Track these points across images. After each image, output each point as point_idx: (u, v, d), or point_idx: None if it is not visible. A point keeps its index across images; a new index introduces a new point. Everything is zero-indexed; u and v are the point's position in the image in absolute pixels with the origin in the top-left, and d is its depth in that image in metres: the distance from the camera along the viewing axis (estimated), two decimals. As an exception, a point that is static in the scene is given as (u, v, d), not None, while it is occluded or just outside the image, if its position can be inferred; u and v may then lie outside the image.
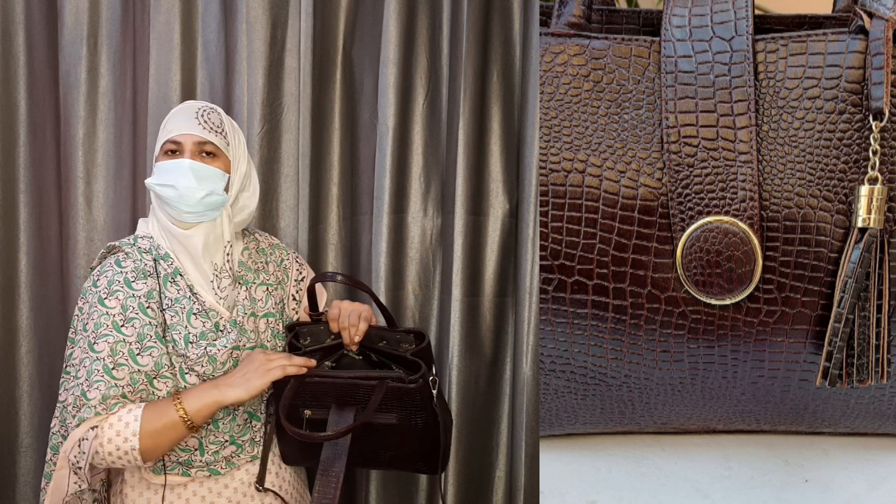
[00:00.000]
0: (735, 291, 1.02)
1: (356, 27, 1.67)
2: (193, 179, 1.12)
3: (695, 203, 1.02)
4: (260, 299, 1.22)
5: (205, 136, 1.15)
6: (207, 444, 1.16)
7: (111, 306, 1.10)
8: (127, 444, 1.06)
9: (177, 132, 1.15)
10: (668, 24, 1.04)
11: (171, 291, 1.14)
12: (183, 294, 1.14)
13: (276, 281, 1.27)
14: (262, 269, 1.25)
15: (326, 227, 1.67)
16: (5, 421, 1.59)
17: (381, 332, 1.23)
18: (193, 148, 1.14)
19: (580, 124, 1.05)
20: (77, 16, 1.57)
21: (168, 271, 1.15)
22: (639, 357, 1.08)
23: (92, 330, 1.10)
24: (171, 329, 1.12)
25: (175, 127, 1.16)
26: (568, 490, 1.13)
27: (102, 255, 1.19)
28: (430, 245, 1.70)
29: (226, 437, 1.17)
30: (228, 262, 1.18)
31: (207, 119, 1.16)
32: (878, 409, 1.11)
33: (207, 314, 1.15)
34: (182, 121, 1.16)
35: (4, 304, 1.57)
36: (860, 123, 1.00)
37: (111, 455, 1.06)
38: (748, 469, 1.15)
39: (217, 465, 1.18)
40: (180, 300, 1.14)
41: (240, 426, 1.19)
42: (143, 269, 1.13)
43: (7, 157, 1.55)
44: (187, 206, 1.12)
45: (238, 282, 1.20)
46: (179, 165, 1.13)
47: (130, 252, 1.15)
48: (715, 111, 1.02)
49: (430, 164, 1.68)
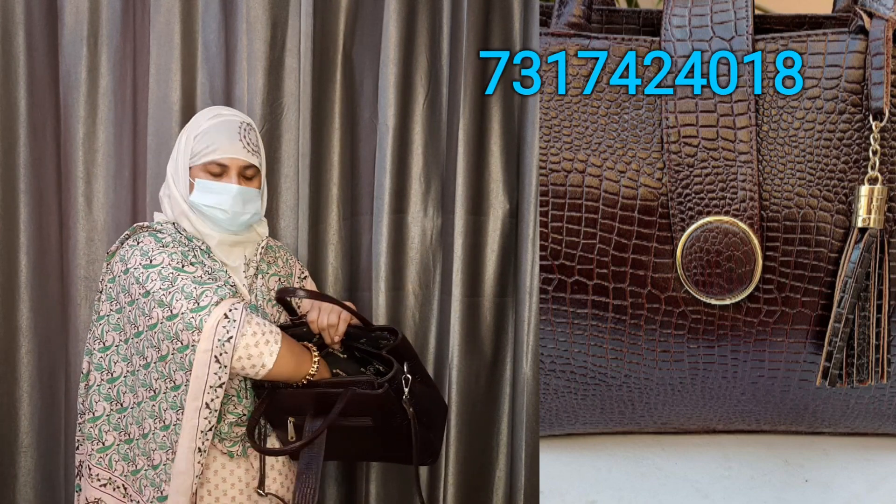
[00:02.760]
0: (735, 291, 1.02)
1: (356, 27, 1.67)
2: (241, 205, 1.19)
3: (695, 203, 1.02)
4: (273, 288, 1.27)
5: (249, 159, 1.20)
6: (226, 413, 1.17)
7: (162, 260, 1.12)
8: (273, 335, 1.08)
9: (223, 155, 1.18)
10: (668, 24, 1.04)
11: (209, 262, 1.19)
12: (219, 268, 1.19)
13: (286, 274, 1.33)
14: (273, 262, 1.31)
15: (326, 227, 1.67)
16: (5, 421, 1.59)
17: (359, 331, 1.26)
18: (238, 171, 1.20)
19: (580, 124, 1.05)
20: (77, 16, 1.57)
21: (202, 247, 1.20)
22: (639, 357, 1.08)
23: (158, 285, 1.09)
24: None
25: (220, 146, 1.19)
26: (568, 490, 1.13)
27: (126, 235, 1.21)
28: (430, 245, 1.70)
29: (244, 410, 1.18)
30: (257, 255, 1.26)
31: (250, 140, 1.21)
32: (878, 409, 1.11)
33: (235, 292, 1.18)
34: (227, 140, 1.19)
35: (4, 304, 1.57)
36: (860, 123, 1.00)
37: (255, 336, 1.07)
38: (748, 469, 1.15)
39: (232, 446, 1.19)
40: (216, 272, 1.18)
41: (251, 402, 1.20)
42: (178, 240, 1.18)
43: (7, 157, 1.55)
44: (233, 227, 1.21)
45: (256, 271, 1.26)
46: (228, 190, 1.18)
47: (162, 228, 1.20)
48: (715, 111, 1.02)
49: (430, 164, 1.68)
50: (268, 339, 1.08)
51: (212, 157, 1.18)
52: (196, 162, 1.19)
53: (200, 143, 1.19)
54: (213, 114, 1.23)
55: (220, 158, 1.18)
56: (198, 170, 1.19)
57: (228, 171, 1.19)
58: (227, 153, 1.19)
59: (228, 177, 1.19)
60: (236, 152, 1.19)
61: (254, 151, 1.22)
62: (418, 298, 1.70)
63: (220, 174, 1.19)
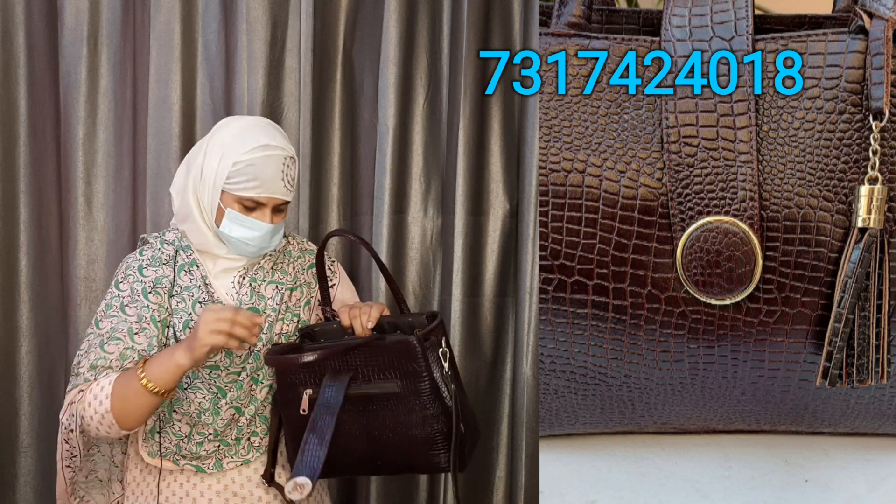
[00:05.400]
0: (735, 291, 1.02)
1: (356, 27, 1.67)
2: (269, 240, 1.17)
3: (695, 203, 1.02)
4: (269, 297, 1.21)
5: (286, 197, 1.16)
6: (194, 434, 1.18)
7: (122, 290, 1.17)
8: (101, 406, 1.09)
9: (263, 194, 1.13)
10: (668, 24, 1.04)
11: (184, 280, 1.18)
12: (195, 283, 1.18)
13: (295, 283, 1.26)
14: (279, 269, 1.24)
15: (326, 227, 1.67)
16: (5, 421, 1.59)
17: (394, 321, 1.19)
18: (274, 207, 1.16)
19: (580, 124, 1.05)
20: (77, 16, 1.57)
21: (185, 261, 1.19)
22: (639, 357, 1.08)
23: (102, 309, 1.17)
24: (175, 314, 1.16)
25: (261, 185, 1.13)
26: (568, 490, 1.13)
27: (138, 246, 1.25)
28: (430, 245, 1.70)
29: (209, 429, 1.18)
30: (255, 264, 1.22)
31: (291, 178, 1.16)
32: (878, 409, 1.11)
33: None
34: (270, 179, 1.13)
35: (4, 304, 1.57)
36: (860, 123, 1.00)
37: (93, 419, 1.10)
38: (748, 469, 1.15)
39: (203, 462, 1.18)
40: (190, 288, 1.17)
41: (224, 420, 1.18)
42: (160, 258, 1.18)
43: (7, 157, 1.55)
44: (254, 256, 1.20)
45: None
46: (261, 228, 1.15)
47: (153, 242, 1.21)
48: (715, 111, 1.02)
49: (430, 164, 1.68)
50: (100, 399, 1.09)
51: (251, 193, 1.13)
52: (231, 190, 1.13)
53: (241, 173, 1.12)
54: (261, 143, 1.13)
55: (258, 197, 1.13)
56: (231, 198, 1.14)
57: (264, 208, 1.15)
58: (268, 193, 1.13)
59: (262, 213, 1.14)
60: (277, 192, 1.14)
61: (291, 188, 1.16)
62: (418, 298, 1.70)
63: (254, 208, 1.14)
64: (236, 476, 1.21)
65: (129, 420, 1.10)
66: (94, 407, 1.09)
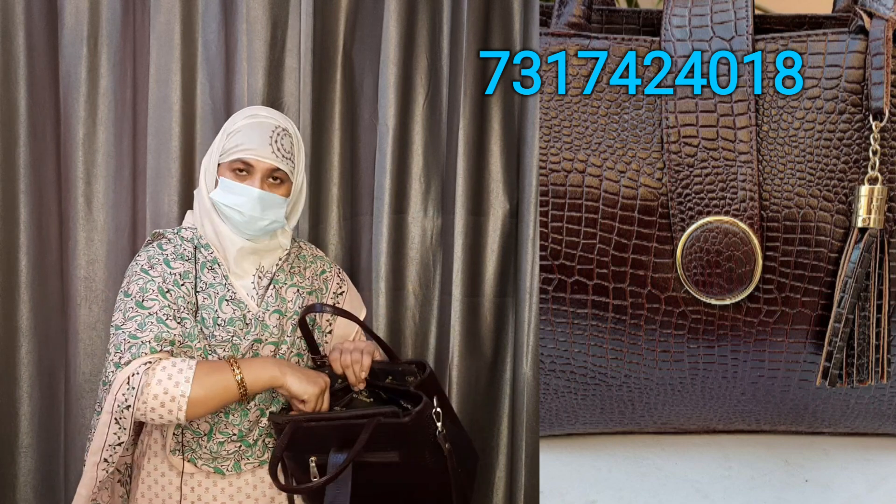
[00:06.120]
0: (735, 291, 1.02)
1: (356, 27, 1.67)
2: (260, 210, 1.16)
3: (695, 203, 1.02)
4: (290, 300, 1.23)
5: (276, 163, 1.16)
6: (216, 433, 1.17)
7: (155, 275, 1.15)
8: (177, 388, 1.05)
9: (251, 155, 1.15)
10: (668, 24, 1.04)
11: (207, 277, 1.18)
12: (219, 281, 1.18)
13: (312, 287, 1.27)
14: (297, 272, 1.26)
15: (326, 227, 1.67)
16: (5, 421, 1.59)
17: (384, 366, 1.21)
18: (264, 174, 1.16)
19: (580, 124, 1.05)
20: (77, 16, 1.57)
21: (207, 259, 1.19)
22: (639, 357, 1.08)
23: (137, 292, 1.13)
24: (202, 309, 1.16)
25: (249, 146, 1.15)
26: (568, 490, 1.13)
27: (147, 241, 1.24)
28: (430, 245, 1.70)
29: (234, 429, 1.18)
30: (275, 265, 1.23)
31: (281, 145, 1.17)
32: (878, 409, 1.11)
33: (238, 304, 1.18)
34: (257, 141, 1.16)
35: (4, 304, 1.57)
36: (860, 123, 1.00)
37: (156, 399, 1.05)
38: (748, 469, 1.15)
39: (222, 463, 1.18)
40: (215, 286, 1.17)
41: (251, 422, 1.19)
42: (181, 253, 1.18)
43: (7, 157, 1.55)
44: (249, 231, 1.17)
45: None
46: (248, 192, 1.15)
47: (172, 238, 1.21)
48: (715, 111, 1.02)
49: (430, 164, 1.68)
50: (177, 381, 1.05)
51: (238, 154, 1.15)
52: (224, 159, 1.17)
53: (231, 140, 1.17)
54: (251, 113, 1.20)
55: (246, 157, 1.15)
56: (225, 168, 1.17)
57: (253, 172, 1.16)
58: (254, 154, 1.15)
59: (252, 179, 1.16)
60: (264, 155, 1.15)
61: (284, 157, 1.17)
62: (418, 298, 1.70)
63: (245, 176, 1.16)
64: (250, 477, 1.21)
65: (200, 410, 1.07)
66: (164, 385, 1.05)
